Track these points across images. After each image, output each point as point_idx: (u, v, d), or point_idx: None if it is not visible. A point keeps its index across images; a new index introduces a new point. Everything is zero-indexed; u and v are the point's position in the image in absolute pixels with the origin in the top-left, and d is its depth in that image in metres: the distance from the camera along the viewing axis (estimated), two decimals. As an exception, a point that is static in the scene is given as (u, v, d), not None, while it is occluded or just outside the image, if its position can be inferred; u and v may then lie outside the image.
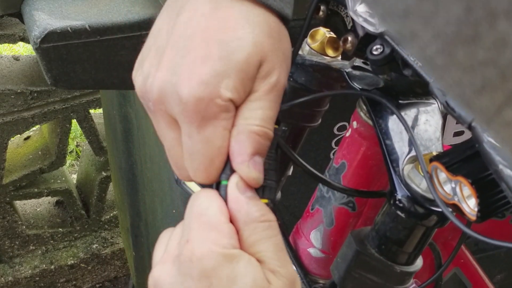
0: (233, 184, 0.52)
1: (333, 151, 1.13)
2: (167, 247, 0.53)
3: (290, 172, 0.89)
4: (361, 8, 0.56)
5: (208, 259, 0.49)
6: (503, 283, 1.38)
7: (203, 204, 0.52)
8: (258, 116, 0.52)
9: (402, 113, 0.65)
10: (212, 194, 0.52)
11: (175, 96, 0.51)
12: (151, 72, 0.53)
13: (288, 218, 0.87)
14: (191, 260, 0.49)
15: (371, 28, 0.55)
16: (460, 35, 0.29)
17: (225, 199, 0.52)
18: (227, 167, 0.52)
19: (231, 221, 0.51)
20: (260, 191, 0.54)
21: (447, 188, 0.54)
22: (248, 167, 0.51)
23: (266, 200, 0.54)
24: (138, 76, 0.55)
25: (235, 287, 0.48)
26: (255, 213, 0.51)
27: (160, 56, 0.53)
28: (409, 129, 0.60)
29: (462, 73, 0.31)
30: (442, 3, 0.28)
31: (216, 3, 0.52)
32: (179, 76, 0.51)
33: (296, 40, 0.65)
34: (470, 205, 0.52)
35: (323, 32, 0.77)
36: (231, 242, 0.50)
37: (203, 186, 0.61)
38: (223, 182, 0.53)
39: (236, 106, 0.52)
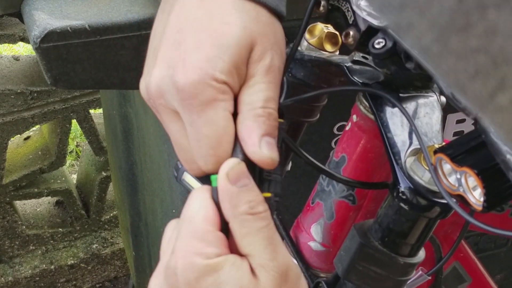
0: (222, 175, 0.51)
1: (333, 151, 1.14)
2: (163, 252, 0.54)
3: (288, 167, 0.90)
4: (364, 2, 0.57)
5: (191, 271, 0.49)
6: (503, 283, 1.39)
7: (193, 210, 0.52)
8: (259, 98, 0.52)
9: (403, 106, 0.65)
10: (203, 197, 0.52)
11: (172, 87, 0.52)
12: (148, 72, 0.54)
13: (288, 218, 0.87)
14: (176, 273, 0.50)
15: (375, 22, 0.55)
16: (453, 24, 0.31)
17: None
18: (237, 152, 0.52)
19: (223, 213, 0.51)
20: (266, 184, 0.54)
21: (452, 179, 0.54)
22: (261, 148, 0.51)
23: (269, 194, 0.54)
24: (141, 81, 0.56)
25: None
26: (243, 205, 0.50)
27: (155, 55, 0.54)
28: (412, 121, 0.61)
29: (456, 60, 0.32)
30: None
31: None
32: (174, 68, 0.52)
33: (296, 38, 0.65)
34: (476, 196, 0.52)
35: (321, 27, 0.78)
36: (215, 251, 0.50)
37: (202, 182, 0.61)
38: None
39: (233, 91, 0.52)
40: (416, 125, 0.63)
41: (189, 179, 0.66)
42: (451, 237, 0.94)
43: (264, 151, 0.51)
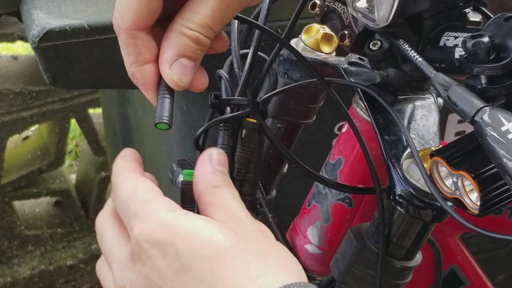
0: (206, 154, 0.52)
1: (329, 153, 1.14)
2: (110, 251, 0.51)
3: (285, 169, 0.89)
4: (360, 4, 0.56)
5: (163, 226, 0.48)
6: (505, 284, 1.38)
7: (129, 189, 0.52)
8: (196, 20, 0.49)
9: (399, 108, 0.65)
10: (131, 177, 0.53)
11: None
12: None
13: (288, 218, 0.87)
14: (147, 241, 0.47)
15: (371, 24, 0.55)
16: None
17: None
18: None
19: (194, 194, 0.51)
20: (238, 183, 0.55)
21: (449, 182, 0.54)
22: (170, 68, 0.50)
23: None
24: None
25: (199, 238, 0.47)
26: (215, 183, 0.51)
27: None
28: (402, 124, 0.61)
29: None
30: None
31: None
32: None
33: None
34: (473, 199, 0.52)
35: (317, 28, 0.77)
36: (174, 207, 0.50)
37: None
38: None
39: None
40: (412, 128, 0.63)
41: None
42: (448, 239, 0.93)
43: (174, 71, 0.50)
